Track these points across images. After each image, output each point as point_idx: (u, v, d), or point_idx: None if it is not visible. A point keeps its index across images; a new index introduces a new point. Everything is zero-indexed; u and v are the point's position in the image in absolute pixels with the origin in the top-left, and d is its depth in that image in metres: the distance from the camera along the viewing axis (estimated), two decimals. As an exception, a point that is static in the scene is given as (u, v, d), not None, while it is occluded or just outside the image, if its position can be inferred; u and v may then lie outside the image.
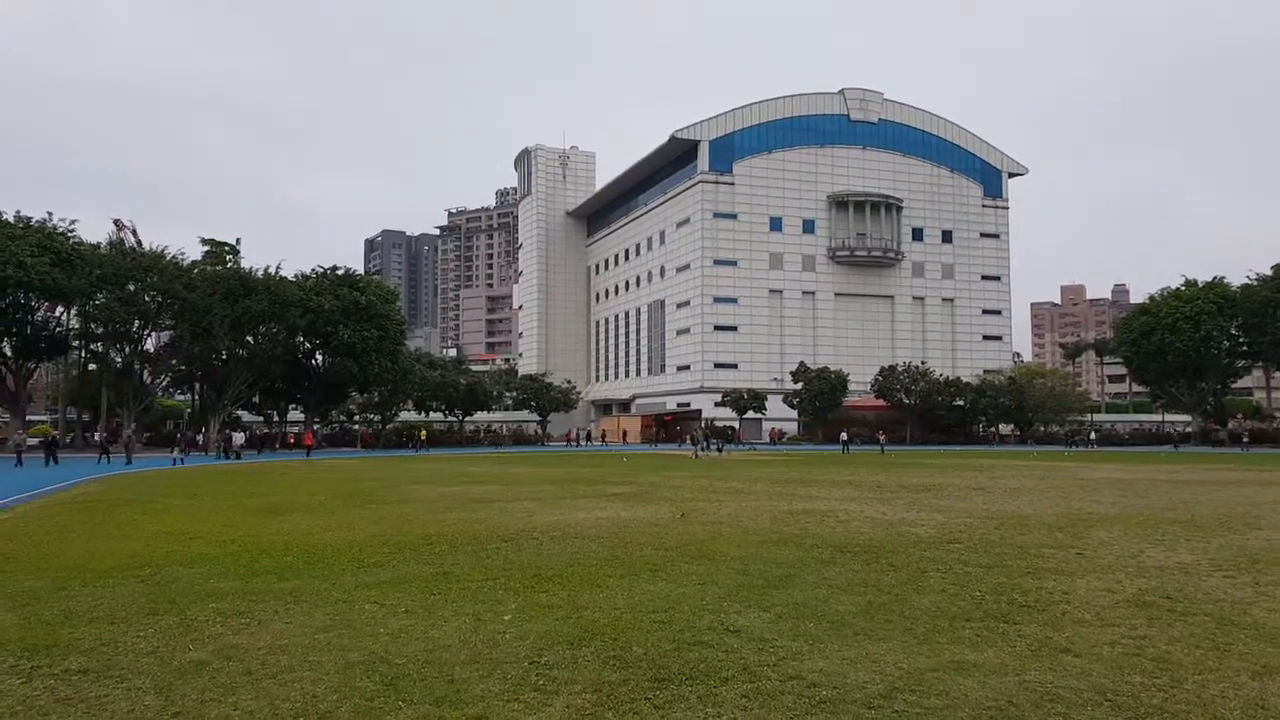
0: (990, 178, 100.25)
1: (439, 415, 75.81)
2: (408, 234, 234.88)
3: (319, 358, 66.04)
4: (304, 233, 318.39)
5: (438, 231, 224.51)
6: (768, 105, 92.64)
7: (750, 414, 77.82)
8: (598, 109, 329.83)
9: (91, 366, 63.00)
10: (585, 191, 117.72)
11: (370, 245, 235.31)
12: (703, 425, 70.97)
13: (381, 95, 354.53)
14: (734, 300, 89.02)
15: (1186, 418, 76.13)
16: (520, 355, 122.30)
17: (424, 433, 66.45)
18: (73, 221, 58.93)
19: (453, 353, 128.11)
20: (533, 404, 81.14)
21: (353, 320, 62.46)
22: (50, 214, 58.37)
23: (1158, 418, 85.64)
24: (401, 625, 7.58)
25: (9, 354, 58.83)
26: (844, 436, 60.77)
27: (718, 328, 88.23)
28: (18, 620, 7.77)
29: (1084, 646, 6.90)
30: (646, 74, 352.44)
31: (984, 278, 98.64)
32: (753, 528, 14.89)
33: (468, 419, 78.19)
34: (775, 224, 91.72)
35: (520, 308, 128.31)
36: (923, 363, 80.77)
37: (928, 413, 77.10)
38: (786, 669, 6.22)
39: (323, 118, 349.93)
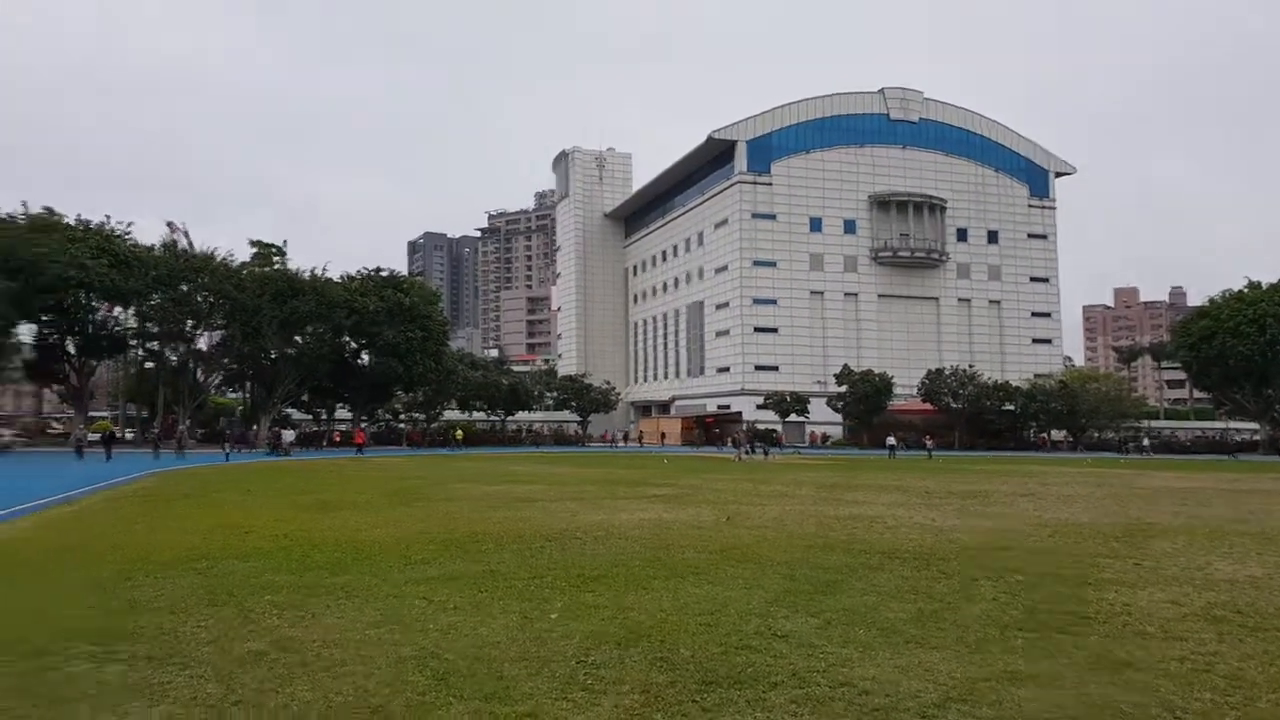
0: (1036, 177, 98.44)
1: (481, 415, 76.45)
2: (449, 236, 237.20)
3: (365, 357, 67.02)
4: (348, 235, 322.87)
5: (478, 234, 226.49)
6: (805, 105, 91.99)
7: (792, 417, 77.28)
8: (634, 111, 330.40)
9: (148, 364, 64.65)
10: (622, 193, 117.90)
11: (413, 247, 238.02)
12: (745, 428, 70.65)
13: (422, 98, 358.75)
14: (774, 301, 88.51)
15: (1254, 425, 73.87)
16: (559, 356, 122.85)
17: (459, 432, 66.97)
18: (129, 224, 60.63)
19: (494, 353, 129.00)
20: (573, 404, 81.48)
21: (397, 321, 63.28)
22: (108, 217, 60.15)
23: (1221, 425, 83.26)
24: (450, 621, 7.67)
25: (72, 352, 60.70)
26: (891, 441, 59.90)
27: (758, 329, 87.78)
28: (86, 609, 8.03)
29: (1148, 661, 6.70)
30: (683, 75, 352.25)
31: (1032, 279, 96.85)
32: (798, 532, 14.80)
33: (509, 419, 78.77)
34: (815, 224, 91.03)
35: (559, 309, 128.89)
36: (970, 366, 79.51)
37: (976, 417, 75.84)
38: (836, 675, 6.18)
39: (365, 121, 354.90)
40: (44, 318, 57.12)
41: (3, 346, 53.09)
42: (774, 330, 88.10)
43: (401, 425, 74.61)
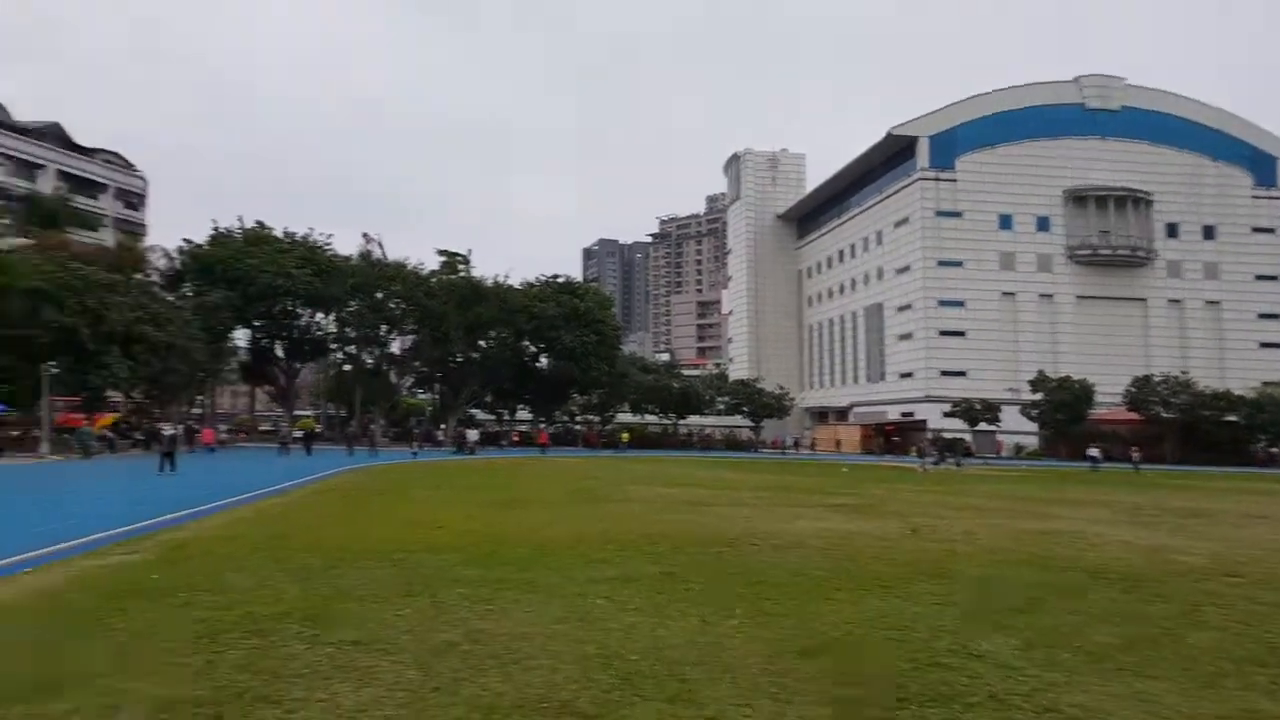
0: (1262, 165, 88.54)
1: (653, 418, 77.48)
2: (621, 242, 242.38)
3: (543, 361, 69.58)
4: (527, 242, 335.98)
5: (649, 239, 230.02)
6: (991, 98, 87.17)
7: (982, 425, 73.29)
8: (807, 111, 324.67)
9: (346, 367, 69.97)
10: (795, 194, 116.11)
11: (587, 254, 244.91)
12: (930, 436, 67.70)
13: (594, 107, 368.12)
14: (960, 303, 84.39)
15: None
16: (731, 360, 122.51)
17: (626, 435, 67.93)
18: (329, 235, 66.20)
19: (665, 357, 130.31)
20: (745, 409, 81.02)
21: (573, 325, 65.28)
22: (311, 229, 65.92)
23: None
24: (632, 622, 7.71)
25: (280, 355, 66.86)
26: (1093, 452, 55.55)
27: (943, 333, 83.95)
28: (299, 593, 8.66)
29: None
30: (858, 74, 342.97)
31: (1258, 278, 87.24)
32: (991, 547, 13.96)
33: (681, 422, 79.39)
34: (1005, 222, 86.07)
35: (730, 313, 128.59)
36: (1184, 372, 72.56)
37: (1190, 428, 69.06)
38: (1040, 700, 5.74)
39: (540, 130, 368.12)
40: (256, 324, 63.15)
41: (221, 350, 58.95)
42: (961, 334, 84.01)
43: (578, 427, 76.82)
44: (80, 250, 50.71)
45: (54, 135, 76.07)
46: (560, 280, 70.01)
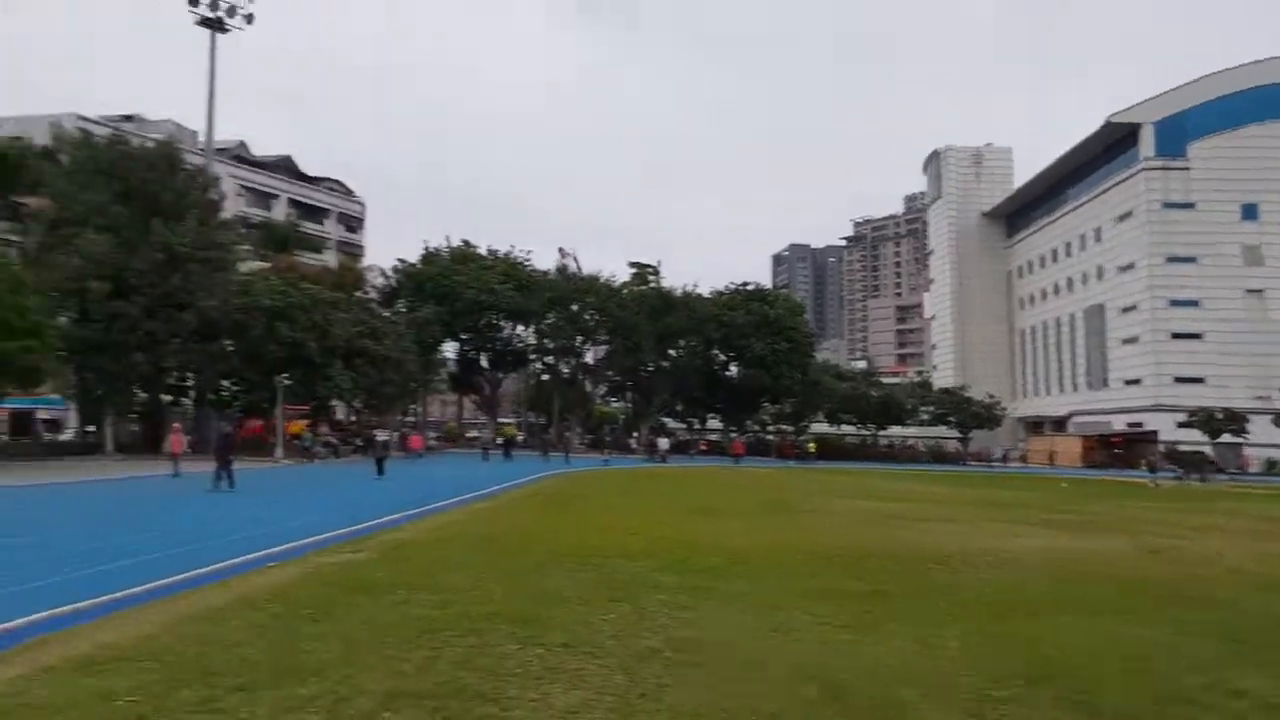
0: None
1: (850, 428, 75.34)
2: (812, 247, 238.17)
3: (733, 369, 69.56)
4: (715, 251, 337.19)
5: (843, 243, 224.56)
6: (1228, 76, 78.45)
7: (1226, 437, 65.81)
8: (1012, 104, 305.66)
9: (545, 376, 73.12)
10: (1002, 190, 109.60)
11: (777, 260, 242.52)
12: (1162, 449, 61.61)
13: (783, 110, 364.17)
14: (1195, 303, 76.43)
15: None
16: (934, 367, 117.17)
17: (812, 445, 66.13)
18: (529, 251, 69.74)
19: (861, 364, 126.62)
20: (951, 419, 77.08)
21: (763, 333, 64.81)
22: (513, 246, 69.74)
23: None
24: (836, 638, 7.47)
25: (485, 366, 71.01)
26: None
27: (1175, 335, 76.36)
28: (508, 595, 9.00)
29: None
30: (1061, 58, 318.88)
31: None
32: (1241, 570, 12.46)
33: (880, 433, 76.70)
34: (1249, 212, 77.18)
35: (932, 317, 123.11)
36: None
37: None
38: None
39: (721, 138, 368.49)
40: (463, 336, 67.32)
41: (431, 362, 63.23)
42: (1197, 336, 76.08)
43: (770, 436, 76.02)
44: (308, 271, 56.03)
45: (285, 167, 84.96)
46: (750, 288, 69.80)
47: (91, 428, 45.91)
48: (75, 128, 49.90)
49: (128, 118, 67.03)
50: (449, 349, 68.59)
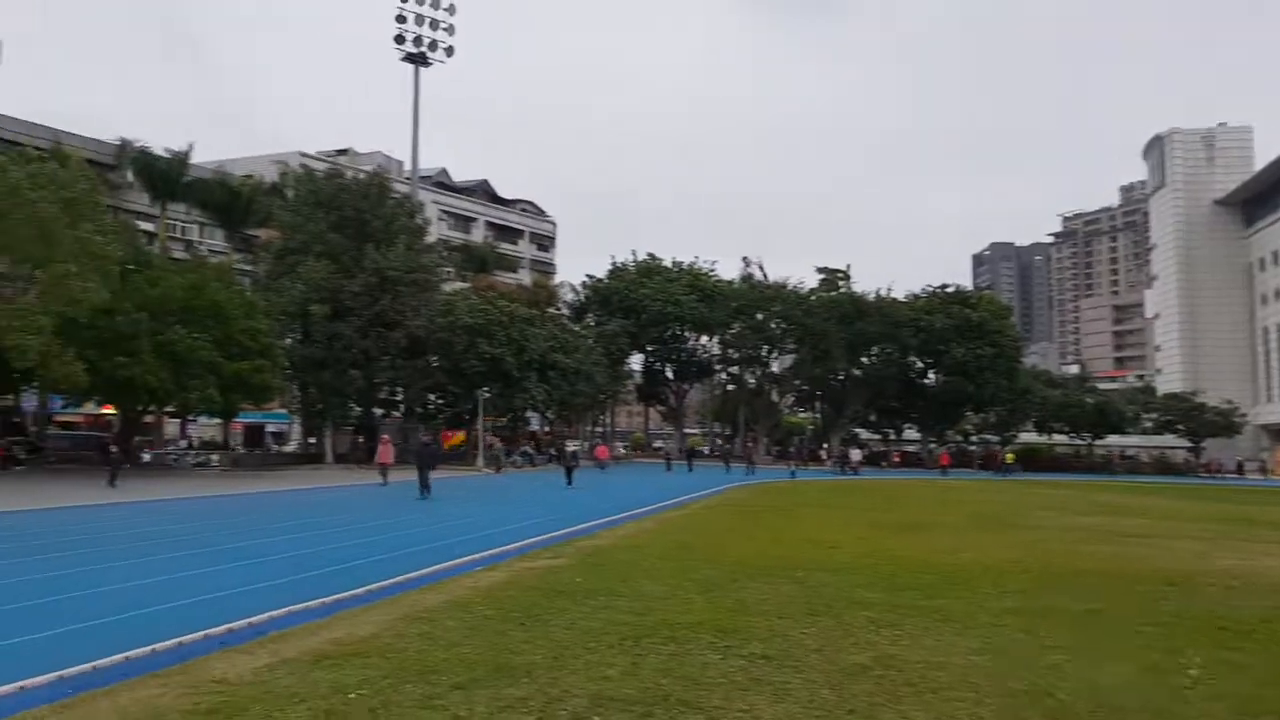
0: None
1: (1062, 437, 70.13)
2: (1016, 245, 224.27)
3: (931, 376, 66.58)
4: (909, 253, 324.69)
5: (1050, 239, 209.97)
6: None
7: None
8: (1249, 77, 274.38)
9: (730, 387, 73.03)
10: (1240, 174, 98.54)
11: (978, 260, 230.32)
12: None
13: (987, 108, 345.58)
14: None
15: None
16: (1159, 371, 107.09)
17: (1011, 455, 61.39)
18: (713, 262, 70.07)
19: (1074, 369, 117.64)
20: (1179, 427, 70.08)
21: (965, 338, 61.67)
22: (697, 256, 70.34)
23: None
24: (1058, 660, 6.95)
25: (670, 377, 71.91)
26: None
27: None
28: (705, 604, 8.98)
29: None
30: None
31: None
32: None
33: (1097, 442, 70.89)
34: None
35: (1155, 316, 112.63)
36: None
37: None
38: None
39: (918, 133, 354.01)
40: (649, 348, 68.51)
41: (619, 373, 64.71)
42: None
43: (972, 447, 72.04)
44: (504, 290, 59.10)
45: (483, 191, 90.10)
46: (949, 290, 66.67)
47: (313, 439, 50.47)
48: (299, 164, 55.35)
49: (341, 151, 73.37)
50: (635, 361, 70.08)
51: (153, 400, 39.24)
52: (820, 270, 68.82)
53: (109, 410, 46.20)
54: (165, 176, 53.58)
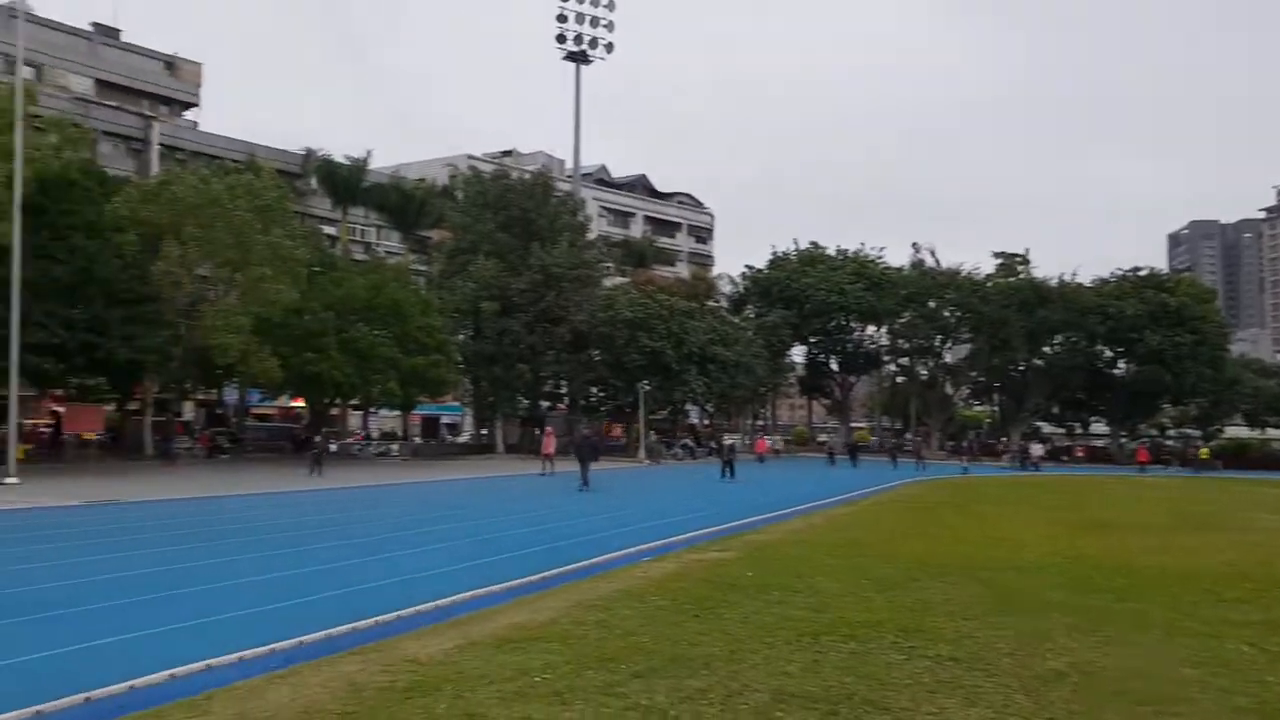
0: None
1: (1277, 432, 63.42)
2: (1220, 222, 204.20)
3: (1121, 366, 61.72)
4: (1095, 235, 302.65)
5: (1262, 214, 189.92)
6: None
7: None
8: None
9: (899, 379, 70.28)
10: None
11: (1174, 240, 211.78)
12: None
13: (1182, 75, 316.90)
14: None
15: None
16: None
17: (1205, 451, 55.29)
18: (881, 248, 67.58)
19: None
20: None
21: (1160, 325, 56.64)
22: (863, 244, 68.13)
23: None
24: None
25: (835, 369, 70.02)
26: None
27: None
28: (885, 602, 8.68)
29: None
30: None
31: None
32: None
33: (1319, 437, 63.71)
34: None
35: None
36: None
37: None
38: None
39: (1103, 101, 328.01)
40: (811, 340, 66.97)
41: (780, 366, 63.55)
42: None
43: (1169, 442, 66.24)
44: (663, 283, 59.45)
45: (641, 186, 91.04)
46: (1141, 273, 61.52)
47: (484, 430, 52.76)
48: (467, 167, 57.93)
49: (506, 153, 76.00)
50: (797, 353, 68.78)
51: (339, 394, 42.29)
52: (997, 255, 65.13)
53: (298, 403, 50.16)
54: (346, 182, 57.51)
